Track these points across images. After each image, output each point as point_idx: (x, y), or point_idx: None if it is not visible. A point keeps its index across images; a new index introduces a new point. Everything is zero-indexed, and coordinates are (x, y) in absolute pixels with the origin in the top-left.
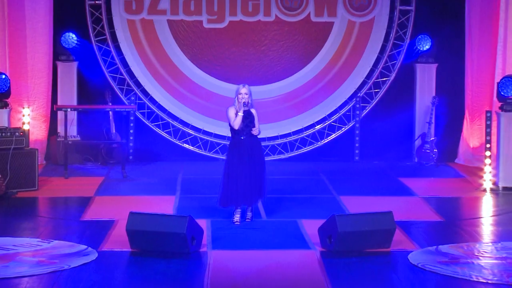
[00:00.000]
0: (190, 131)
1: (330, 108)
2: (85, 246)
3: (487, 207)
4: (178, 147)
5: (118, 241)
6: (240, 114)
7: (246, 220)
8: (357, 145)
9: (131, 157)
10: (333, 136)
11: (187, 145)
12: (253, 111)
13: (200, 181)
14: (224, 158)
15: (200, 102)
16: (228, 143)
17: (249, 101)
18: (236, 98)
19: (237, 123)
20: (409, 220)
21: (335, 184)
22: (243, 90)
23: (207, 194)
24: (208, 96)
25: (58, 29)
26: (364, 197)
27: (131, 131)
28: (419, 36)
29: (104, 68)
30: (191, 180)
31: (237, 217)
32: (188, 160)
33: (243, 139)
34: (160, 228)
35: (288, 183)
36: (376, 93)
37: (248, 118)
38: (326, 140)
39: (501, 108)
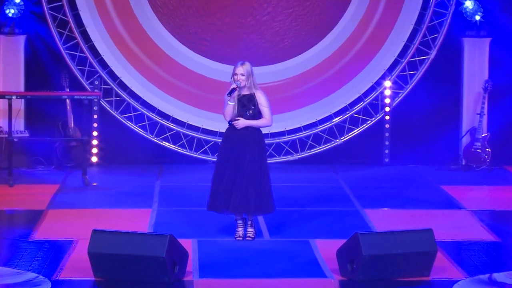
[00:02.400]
0: (171, 125)
1: (352, 95)
2: (35, 274)
3: None
4: (156, 145)
5: (77, 267)
6: (230, 103)
7: (247, 238)
8: (387, 143)
9: (94, 159)
10: (356, 131)
11: (167, 143)
12: (257, 93)
13: (184, 190)
14: (214, 159)
15: (185, 88)
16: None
17: (248, 84)
18: (232, 78)
19: (226, 113)
20: (455, 240)
21: (358, 194)
22: (239, 69)
23: (193, 207)
24: (195, 81)
25: None
26: (395, 210)
27: (95, 125)
28: (467, 2)
29: (59, 44)
30: (173, 188)
31: (239, 231)
32: (168, 163)
33: (237, 130)
34: (133, 250)
35: (297, 192)
36: (412, 75)
37: (247, 105)
38: (347, 137)
39: None
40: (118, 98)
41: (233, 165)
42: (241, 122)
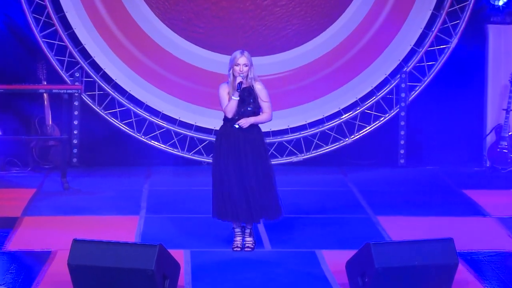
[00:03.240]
0: (161, 122)
1: (363, 88)
2: None
3: None
4: (144, 145)
5: (56, 281)
6: (234, 98)
7: (246, 249)
8: (402, 142)
9: (75, 160)
10: (368, 129)
11: (156, 143)
12: (257, 86)
13: (175, 195)
14: (209, 160)
15: (176, 81)
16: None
17: (251, 75)
18: (231, 71)
19: (229, 110)
20: (478, 251)
21: (370, 199)
22: (241, 59)
23: (185, 213)
24: (188, 72)
25: None
26: (412, 217)
27: (76, 122)
28: None
29: (35, 31)
30: (162, 193)
31: (237, 241)
32: (157, 164)
33: (236, 128)
34: (118, 262)
35: (302, 197)
36: (430, 67)
37: (247, 99)
38: (357, 136)
39: None
40: (101, 92)
41: (235, 167)
42: (246, 121)
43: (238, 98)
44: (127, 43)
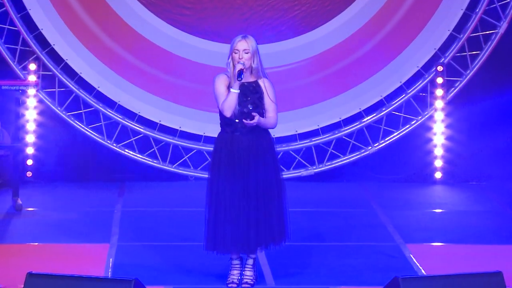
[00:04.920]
0: (137, 127)
1: (390, 85)
2: None
3: None
4: (116, 155)
5: None
6: (234, 91)
7: (243, 285)
8: (438, 152)
9: (29, 174)
10: (396, 135)
11: (131, 152)
12: (262, 82)
13: (154, 217)
14: (198, 174)
15: (157, 75)
16: (210, 148)
17: (254, 65)
18: (230, 58)
19: (228, 106)
20: None
21: (398, 223)
22: (241, 44)
23: (166, 241)
24: (171, 65)
25: None
26: (450, 245)
27: (30, 126)
28: None
29: None
30: (139, 215)
31: (233, 275)
32: (133, 180)
33: (238, 134)
34: None
35: (314, 220)
36: (474, 57)
37: (251, 96)
38: (382, 144)
39: None
40: (63, 89)
41: (239, 183)
42: (255, 118)
43: (239, 91)
44: (95, 28)
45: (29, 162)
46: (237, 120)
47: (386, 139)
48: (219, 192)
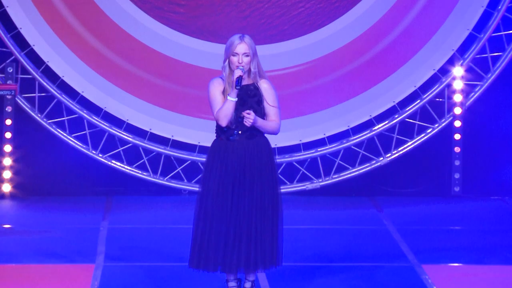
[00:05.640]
0: (125, 135)
1: (403, 89)
2: None
3: None
4: (102, 167)
5: None
6: (231, 99)
7: None
8: (457, 163)
9: (8, 188)
10: (410, 145)
11: (118, 163)
12: (263, 85)
13: (143, 235)
14: (192, 188)
15: (147, 79)
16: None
17: (254, 69)
18: (227, 62)
19: (224, 114)
20: None
21: (413, 242)
22: (241, 46)
23: (157, 261)
24: (166, 68)
25: None
26: (469, 266)
27: (8, 134)
28: None
29: None
30: (127, 232)
31: None
32: (120, 193)
33: (235, 141)
34: None
35: (320, 238)
36: (496, 59)
37: (249, 100)
38: (395, 154)
39: None
40: (43, 94)
41: (233, 195)
42: (255, 118)
43: (236, 99)
44: (79, 27)
45: (6, 174)
46: (233, 127)
47: (399, 149)
48: (209, 205)
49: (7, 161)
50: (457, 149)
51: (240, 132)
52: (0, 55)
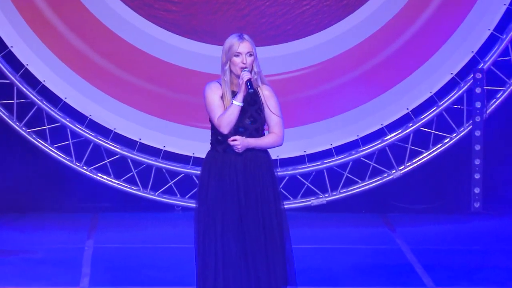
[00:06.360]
0: (113, 146)
1: (418, 95)
2: None
3: None
4: (87, 180)
5: None
6: (237, 103)
7: None
8: (477, 176)
9: None
10: (425, 157)
11: (105, 177)
12: (265, 91)
13: (132, 256)
14: (186, 203)
15: (137, 84)
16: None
17: (257, 70)
18: (228, 65)
19: (227, 121)
20: None
21: (428, 263)
22: (243, 46)
23: (147, 284)
24: (157, 72)
25: None
26: None
27: None
28: None
29: None
30: (114, 253)
31: None
32: (107, 210)
33: (232, 153)
34: None
35: (327, 258)
36: None
37: (248, 109)
38: (409, 167)
39: None
40: (22, 101)
41: (231, 215)
42: (243, 142)
43: (242, 104)
44: (61, 26)
45: None
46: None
47: (414, 161)
48: (208, 225)
49: None
50: (477, 161)
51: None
52: None
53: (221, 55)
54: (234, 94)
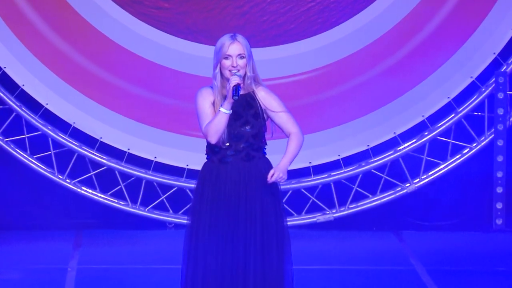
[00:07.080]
0: (99, 157)
1: (435, 101)
2: None
3: None
4: (70, 194)
5: None
6: (224, 111)
7: None
8: (499, 190)
9: None
10: (443, 169)
11: (90, 191)
12: (261, 93)
13: (119, 277)
14: (179, 220)
15: (125, 88)
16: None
17: (251, 73)
18: (218, 69)
19: (214, 130)
20: None
21: (446, 285)
22: (234, 47)
23: None
24: (147, 75)
25: None
26: None
27: None
28: None
29: None
30: (99, 274)
31: None
32: (92, 227)
33: (229, 164)
34: None
35: (335, 280)
36: None
37: (244, 114)
38: (425, 180)
39: None
40: (0, 107)
41: (230, 234)
42: (281, 170)
43: (231, 111)
44: (42, 25)
45: None
46: (227, 144)
47: (430, 173)
48: (200, 242)
49: None
50: (499, 174)
51: (234, 153)
52: None
53: (213, 57)
54: None
